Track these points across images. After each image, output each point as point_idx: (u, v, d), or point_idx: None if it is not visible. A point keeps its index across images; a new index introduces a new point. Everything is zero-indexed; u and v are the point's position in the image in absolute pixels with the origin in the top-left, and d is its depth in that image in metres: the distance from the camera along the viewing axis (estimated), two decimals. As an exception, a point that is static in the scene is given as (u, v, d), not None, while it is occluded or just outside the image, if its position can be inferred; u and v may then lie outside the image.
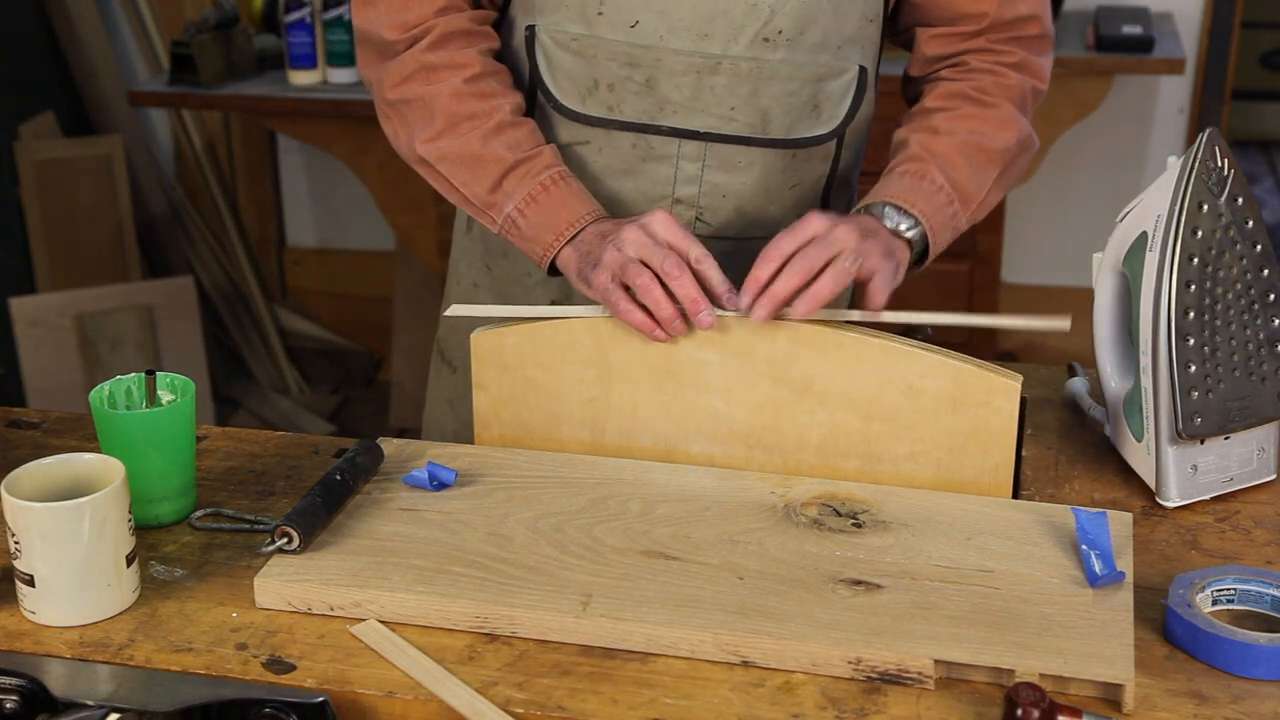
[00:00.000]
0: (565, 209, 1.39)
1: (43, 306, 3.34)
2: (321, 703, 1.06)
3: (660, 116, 1.44)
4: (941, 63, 1.51)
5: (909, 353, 1.31)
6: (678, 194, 1.48)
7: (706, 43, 1.41)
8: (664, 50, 1.41)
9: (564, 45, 1.44)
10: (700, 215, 1.49)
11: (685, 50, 1.41)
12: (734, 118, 1.44)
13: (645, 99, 1.44)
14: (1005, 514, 1.26)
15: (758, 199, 1.49)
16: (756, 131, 1.45)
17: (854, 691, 1.07)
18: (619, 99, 1.44)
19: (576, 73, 1.44)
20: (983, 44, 1.48)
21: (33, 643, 1.14)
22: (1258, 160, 5.48)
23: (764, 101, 1.44)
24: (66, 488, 1.17)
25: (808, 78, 1.44)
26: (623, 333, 1.35)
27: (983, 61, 1.49)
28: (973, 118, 1.45)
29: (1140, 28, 3.15)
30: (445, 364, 1.67)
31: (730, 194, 1.48)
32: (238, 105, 3.22)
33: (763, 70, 1.42)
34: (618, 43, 1.42)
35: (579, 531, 1.23)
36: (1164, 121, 3.51)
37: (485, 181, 1.41)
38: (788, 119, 1.46)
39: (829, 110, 1.48)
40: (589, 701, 1.06)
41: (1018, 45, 1.49)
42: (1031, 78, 1.50)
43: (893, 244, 1.37)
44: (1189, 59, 3.36)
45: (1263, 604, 1.15)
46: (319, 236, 3.93)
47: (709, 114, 1.44)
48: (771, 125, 1.45)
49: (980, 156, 1.44)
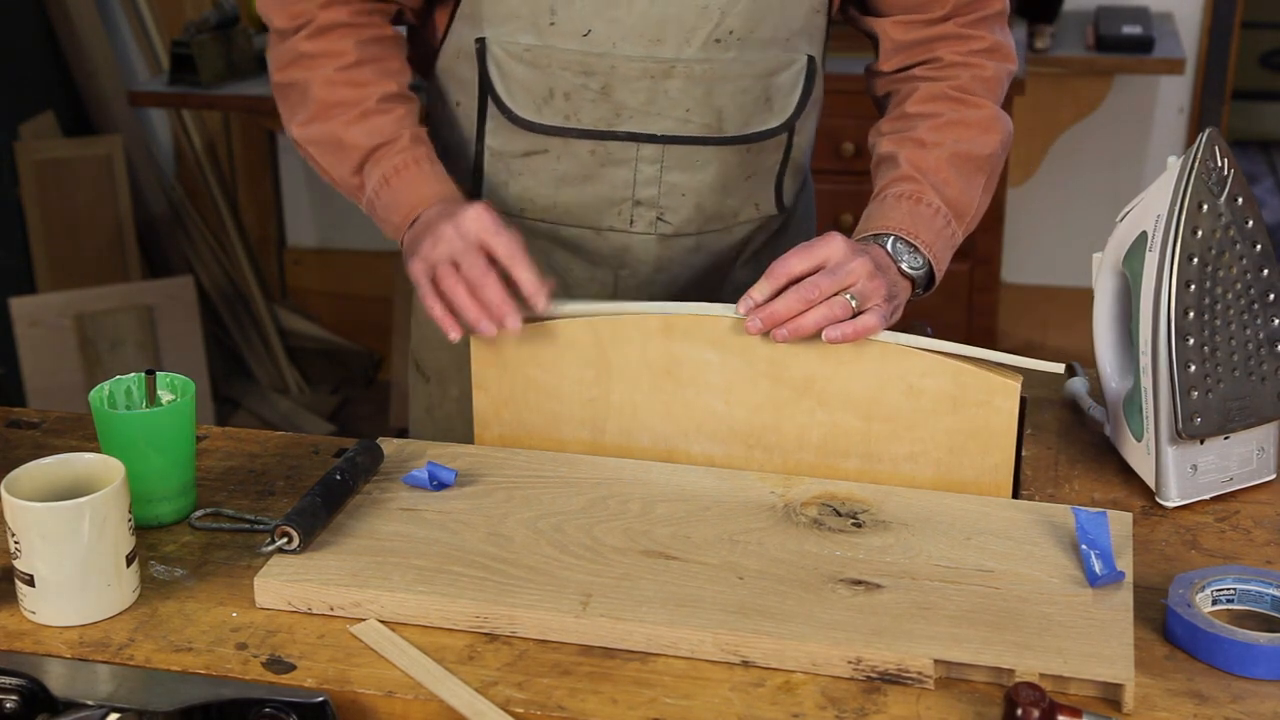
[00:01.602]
0: (412, 192, 1.43)
1: (43, 306, 3.34)
2: (321, 703, 1.06)
3: (617, 122, 1.46)
4: (912, 54, 1.50)
5: (909, 353, 1.31)
6: (638, 196, 1.49)
7: (659, 47, 1.42)
8: (618, 57, 1.42)
9: (517, 56, 1.44)
10: (661, 215, 1.51)
11: (639, 56, 1.42)
12: (690, 119, 1.46)
13: (602, 106, 1.45)
14: (1005, 514, 1.26)
15: (716, 194, 1.51)
16: (712, 131, 1.47)
17: (854, 691, 1.07)
18: (575, 107, 1.45)
19: (531, 83, 1.45)
20: (952, 29, 1.48)
21: (33, 643, 1.14)
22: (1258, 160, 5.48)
23: (718, 101, 1.45)
24: (66, 488, 1.17)
25: (759, 74, 1.46)
26: (623, 333, 1.35)
27: (956, 53, 1.48)
28: (957, 124, 1.45)
29: (1140, 28, 3.15)
30: (419, 374, 1.68)
31: (689, 192, 1.50)
32: (238, 105, 3.22)
33: (715, 71, 1.44)
34: (571, 52, 1.42)
35: (579, 531, 1.23)
36: (1164, 121, 3.51)
37: (347, 165, 1.46)
38: (741, 115, 1.47)
39: (780, 102, 1.49)
40: (589, 701, 1.06)
41: (985, 27, 1.49)
42: (1005, 61, 1.50)
43: (898, 284, 1.37)
44: (1189, 59, 3.36)
45: (1263, 604, 1.15)
46: (319, 236, 3.93)
47: (665, 117, 1.45)
48: (726, 123, 1.47)
49: (968, 166, 1.45)
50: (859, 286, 1.31)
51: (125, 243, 3.53)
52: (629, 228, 1.51)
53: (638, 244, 1.52)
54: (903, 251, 1.38)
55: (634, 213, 1.50)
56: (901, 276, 1.38)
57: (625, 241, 1.52)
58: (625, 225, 1.51)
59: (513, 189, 1.51)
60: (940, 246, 1.41)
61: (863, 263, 1.32)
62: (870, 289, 1.31)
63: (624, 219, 1.51)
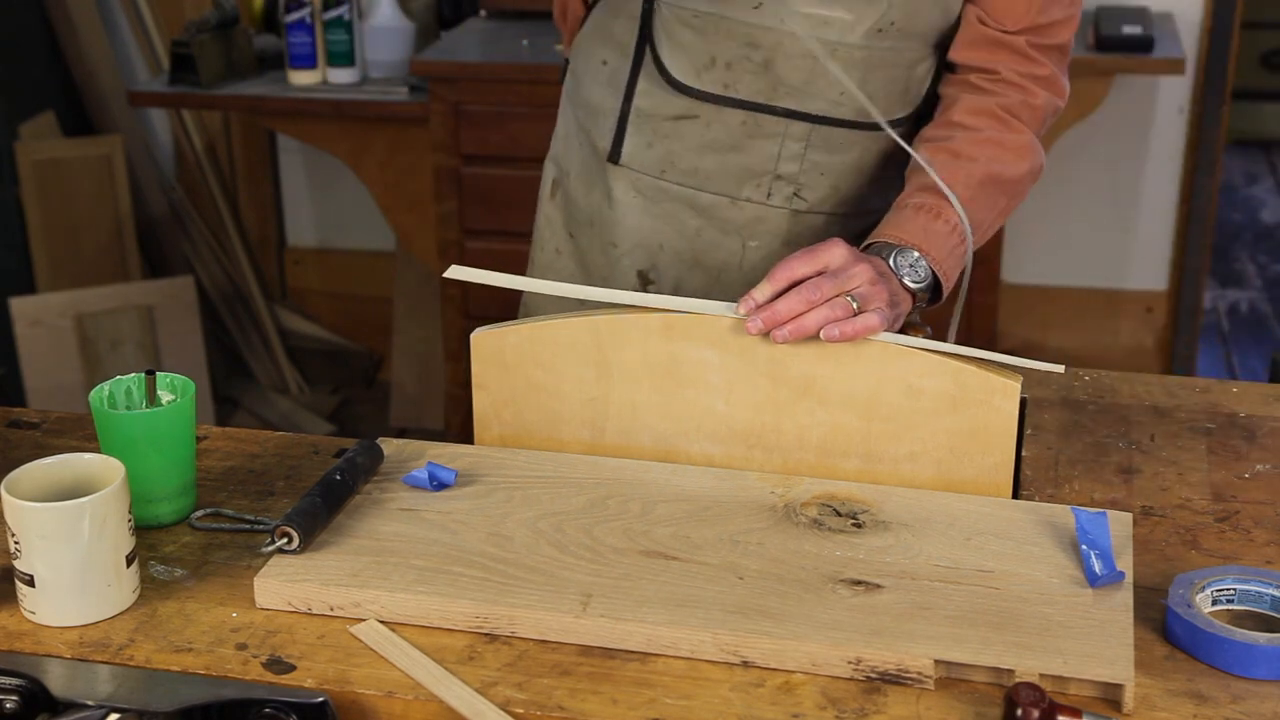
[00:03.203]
0: None
1: (43, 306, 3.34)
2: (321, 703, 1.06)
3: (774, 97, 1.49)
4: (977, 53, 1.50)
5: (909, 353, 1.31)
6: (779, 170, 1.53)
7: (826, 29, 1.45)
8: (784, 33, 1.45)
9: (685, 22, 1.48)
10: (798, 191, 1.54)
11: (805, 35, 1.45)
12: (842, 102, 1.49)
13: (761, 79, 1.48)
14: (1005, 514, 1.26)
15: (853, 177, 1.54)
16: (861, 116, 1.50)
17: (854, 691, 1.07)
18: (735, 77, 1.48)
19: (695, 49, 1.48)
20: (1021, 44, 1.49)
21: (33, 643, 1.14)
22: (1258, 160, 5.48)
23: (870, 87, 1.48)
24: (66, 488, 1.17)
25: (906, 64, 1.49)
26: (623, 333, 1.35)
27: (1015, 72, 1.49)
28: (994, 143, 1.46)
29: (1140, 28, 3.15)
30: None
31: (829, 172, 1.53)
32: (238, 105, 3.22)
33: (872, 58, 1.47)
34: (740, 22, 1.46)
35: (579, 531, 1.23)
36: (1164, 121, 3.50)
37: None
38: (886, 103, 1.50)
39: (914, 91, 1.53)
40: (589, 701, 1.06)
41: (1049, 55, 1.50)
42: (1056, 95, 1.52)
43: (900, 294, 1.37)
44: (1189, 59, 3.35)
45: (1263, 604, 1.15)
46: (319, 236, 3.93)
47: (821, 98, 1.49)
48: (874, 109, 1.49)
49: (993, 187, 1.46)
50: (861, 289, 1.31)
51: (125, 243, 3.53)
52: (766, 200, 1.54)
53: (772, 216, 1.55)
54: (903, 266, 1.39)
55: (773, 186, 1.53)
56: (903, 289, 1.38)
57: (759, 213, 1.55)
58: (762, 198, 1.54)
59: (656, 150, 1.54)
60: (951, 264, 1.42)
61: (865, 268, 1.32)
62: (872, 293, 1.32)
63: (762, 191, 1.54)
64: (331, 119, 3.19)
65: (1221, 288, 4.52)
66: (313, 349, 3.83)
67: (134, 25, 3.58)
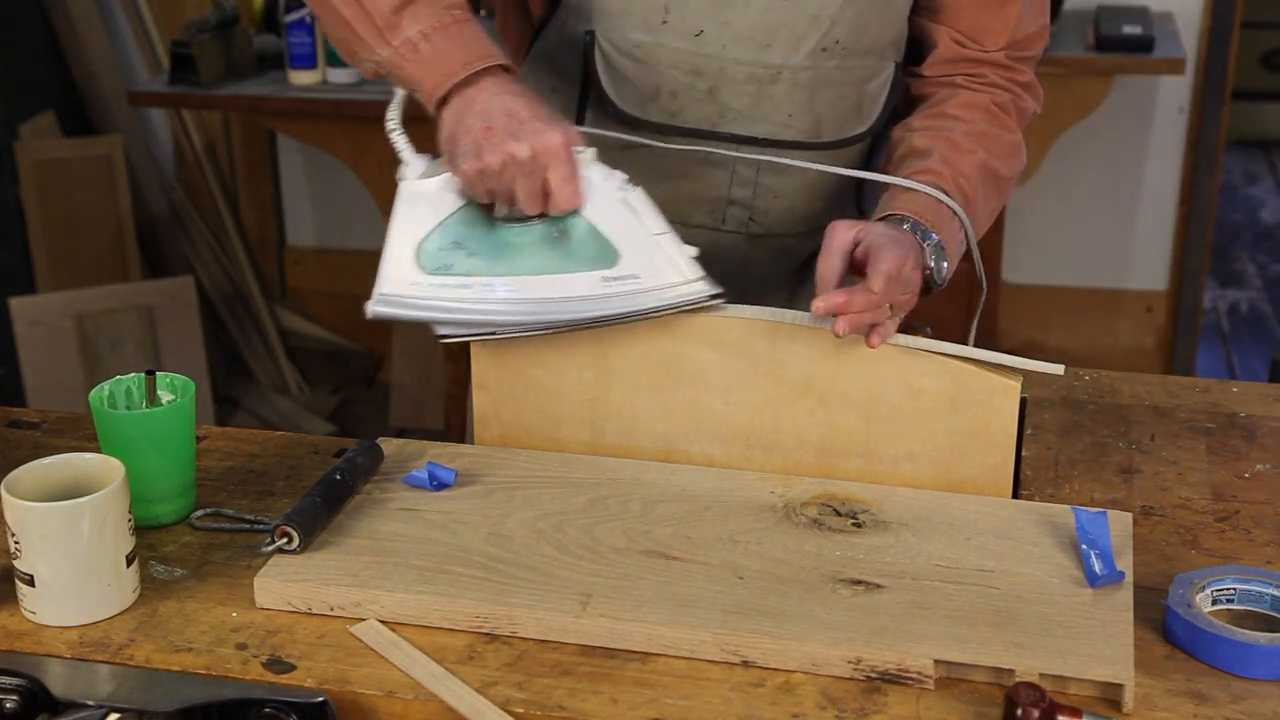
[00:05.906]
0: (478, 43, 1.34)
1: (43, 306, 3.34)
2: (321, 703, 1.06)
3: (720, 124, 1.46)
4: (957, 67, 1.50)
5: (909, 353, 1.31)
6: (732, 196, 1.50)
7: (768, 53, 1.43)
8: (727, 60, 1.43)
9: (626, 53, 1.45)
10: (753, 216, 1.51)
11: (748, 60, 1.43)
12: (790, 124, 1.47)
13: (706, 106, 1.46)
14: (1005, 514, 1.26)
15: (807, 197, 1.52)
16: (810, 136, 1.48)
17: (854, 691, 1.07)
18: (681, 106, 1.46)
19: (639, 79, 1.46)
20: (1001, 58, 1.49)
21: (33, 643, 1.14)
22: (1258, 160, 5.48)
23: (818, 108, 1.46)
24: (66, 488, 1.17)
25: (856, 81, 1.47)
26: (623, 333, 1.35)
27: (1000, 77, 1.49)
28: (990, 137, 1.46)
29: (1140, 27, 3.15)
30: None
31: (782, 194, 1.51)
32: (238, 105, 3.22)
33: (819, 77, 1.45)
34: (681, 51, 1.43)
35: (579, 531, 1.23)
36: (1164, 121, 3.51)
37: (390, 3, 1.34)
38: (837, 122, 1.48)
39: (868, 109, 1.50)
40: (589, 701, 1.06)
41: (1028, 65, 1.51)
42: (1036, 101, 1.52)
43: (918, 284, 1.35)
44: (1189, 59, 3.35)
45: (1263, 604, 1.15)
46: (319, 236, 3.93)
47: (767, 121, 1.46)
48: (824, 129, 1.48)
49: (991, 183, 1.45)
50: (906, 299, 1.31)
51: (125, 243, 3.53)
52: (720, 226, 1.52)
53: (727, 242, 1.53)
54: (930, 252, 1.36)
55: (727, 212, 1.51)
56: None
57: (715, 239, 1.52)
58: (716, 223, 1.52)
59: None
60: (953, 252, 1.41)
61: (917, 276, 1.31)
62: (908, 303, 1.32)
63: (716, 217, 1.52)
64: (332, 119, 3.19)
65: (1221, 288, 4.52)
66: (313, 349, 3.83)
67: (134, 25, 3.58)
